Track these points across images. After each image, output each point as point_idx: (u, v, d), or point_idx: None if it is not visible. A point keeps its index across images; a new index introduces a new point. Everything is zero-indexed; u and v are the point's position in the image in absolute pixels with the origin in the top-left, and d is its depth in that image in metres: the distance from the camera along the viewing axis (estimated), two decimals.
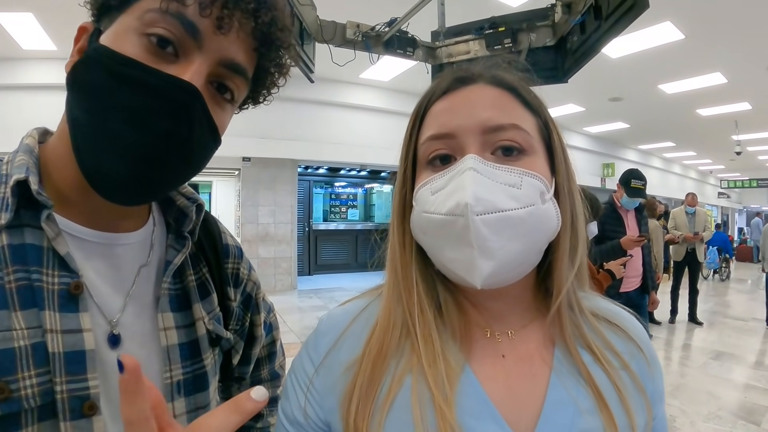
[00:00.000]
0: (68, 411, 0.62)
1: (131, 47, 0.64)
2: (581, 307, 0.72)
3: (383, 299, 0.72)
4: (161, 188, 0.74)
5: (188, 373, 0.79)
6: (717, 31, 6.70)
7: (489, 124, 0.64)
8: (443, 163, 0.66)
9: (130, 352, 0.71)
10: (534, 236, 0.63)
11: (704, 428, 4.13)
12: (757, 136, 14.07)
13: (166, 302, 0.79)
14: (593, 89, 9.70)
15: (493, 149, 0.64)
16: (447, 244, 0.63)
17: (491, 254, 0.60)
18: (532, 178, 0.63)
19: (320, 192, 13.24)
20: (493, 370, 0.67)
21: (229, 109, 0.76)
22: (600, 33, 2.59)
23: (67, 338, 0.63)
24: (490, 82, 0.69)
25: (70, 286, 0.65)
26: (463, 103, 0.67)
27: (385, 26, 3.15)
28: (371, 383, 0.64)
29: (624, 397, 0.65)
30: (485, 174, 0.61)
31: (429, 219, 0.64)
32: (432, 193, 0.64)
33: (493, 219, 0.59)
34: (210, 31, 0.66)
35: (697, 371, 5.67)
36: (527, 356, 0.69)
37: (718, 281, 14.35)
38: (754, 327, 7.91)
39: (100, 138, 0.63)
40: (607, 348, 0.70)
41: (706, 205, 23.61)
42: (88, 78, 0.65)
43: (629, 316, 0.78)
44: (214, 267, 0.91)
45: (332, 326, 0.74)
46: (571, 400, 0.64)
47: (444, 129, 0.66)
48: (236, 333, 0.97)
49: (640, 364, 0.71)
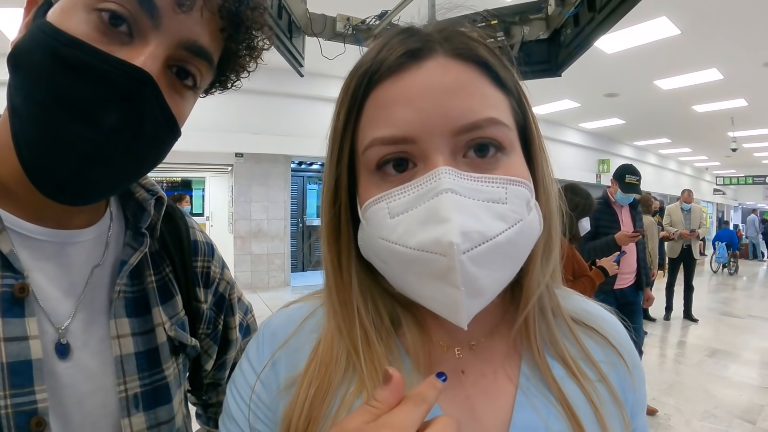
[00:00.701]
0: (14, 427, 0.56)
1: (78, 25, 0.56)
2: (558, 310, 0.63)
3: (324, 325, 0.62)
4: (110, 187, 0.67)
5: (146, 386, 0.73)
6: (713, 27, 6.68)
7: (461, 122, 0.50)
8: (398, 171, 0.53)
9: (80, 362, 0.65)
10: (521, 254, 0.54)
11: (700, 427, 4.12)
12: (753, 132, 14.12)
13: (121, 306, 0.72)
14: (589, 85, 9.68)
15: (464, 150, 0.52)
16: (420, 280, 0.51)
17: (480, 292, 0.50)
18: (518, 185, 0.52)
19: (314, 188, 13.16)
20: (453, 390, 0.58)
21: (190, 97, 0.69)
22: (593, 25, 2.55)
23: (11, 346, 0.57)
24: (452, 55, 0.54)
25: (14, 288, 0.59)
26: (421, 91, 0.51)
27: (376, 19, 3.09)
28: (312, 409, 0.55)
29: (601, 416, 0.57)
30: (465, 194, 0.49)
31: (390, 249, 0.52)
32: (391, 215, 0.51)
33: (482, 252, 0.48)
34: (169, 8, 0.59)
35: (692, 369, 5.66)
36: (490, 372, 0.60)
37: (726, 275, 14.59)
38: (750, 324, 7.92)
39: (40, 131, 0.56)
40: (583, 358, 0.62)
41: (702, 202, 23.75)
42: (28, 60, 0.57)
43: (610, 318, 0.70)
44: (179, 266, 0.84)
45: (273, 334, 0.64)
46: (541, 423, 0.56)
47: (399, 131, 0.51)
48: (208, 337, 0.91)
49: (620, 375, 0.63)
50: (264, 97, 9.09)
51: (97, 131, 0.56)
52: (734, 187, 28.59)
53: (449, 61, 0.53)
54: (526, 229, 0.53)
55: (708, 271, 15.46)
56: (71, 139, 0.56)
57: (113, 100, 0.57)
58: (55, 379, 0.62)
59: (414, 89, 0.52)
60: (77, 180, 0.59)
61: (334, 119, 0.59)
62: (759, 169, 23.62)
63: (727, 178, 25.43)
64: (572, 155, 14.99)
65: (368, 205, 0.54)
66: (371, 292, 0.61)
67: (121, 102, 0.57)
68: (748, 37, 7.01)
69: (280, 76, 7.14)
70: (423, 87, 0.52)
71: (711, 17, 6.37)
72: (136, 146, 0.61)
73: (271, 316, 0.68)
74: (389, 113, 0.52)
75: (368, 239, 0.55)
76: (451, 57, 0.54)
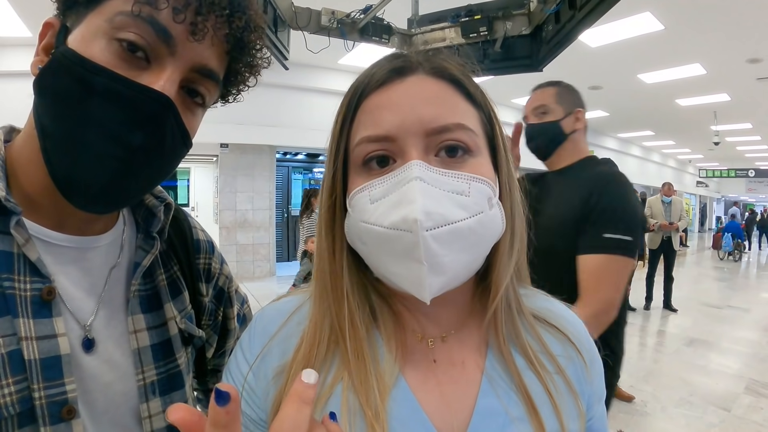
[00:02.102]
0: (47, 416, 0.63)
1: (100, 53, 0.62)
2: (520, 308, 0.70)
3: (310, 309, 0.68)
4: (134, 196, 0.74)
5: (162, 374, 0.79)
6: (697, 23, 6.73)
7: (433, 125, 0.59)
8: (380, 166, 0.61)
9: (104, 355, 0.72)
10: (482, 243, 0.61)
11: (675, 413, 4.22)
12: (736, 127, 14.28)
13: (137, 304, 0.79)
14: (572, 78, 9.52)
15: (436, 150, 0.60)
16: (391, 258, 0.59)
17: (442, 269, 0.57)
18: (480, 183, 0.60)
19: (299, 178, 13.16)
20: (425, 377, 0.65)
21: (199, 113, 0.75)
22: (574, 22, 2.59)
23: (42, 344, 0.63)
24: (430, 73, 0.63)
25: (42, 292, 0.65)
26: (402, 100, 0.61)
27: (361, 13, 3.11)
28: None
29: (555, 404, 0.64)
30: (432, 183, 0.57)
31: (368, 230, 0.59)
32: (371, 201, 0.60)
33: (444, 233, 0.56)
34: (183, 37, 0.65)
35: (670, 357, 5.79)
36: (459, 361, 0.67)
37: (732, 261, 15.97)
38: (728, 314, 8.08)
39: (71, 149, 0.62)
40: (543, 351, 0.68)
41: (685, 194, 23.97)
42: (57, 85, 0.63)
43: (571, 316, 0.76)
44: (185, 264, 0.90)
45: (264, 327, 0.70)
46: (502, 408, 0.63)
47: (382, 130, 0.60)
48: (209, 327, 0.97)
49: (576, 368, 0.70)
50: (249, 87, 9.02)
51: (126, 149, 0.63)
52: (717, 179, 28.92)
53: (428, 77, 0.63)
54: (487, 222, 0.60)
55: (689, 262, 15.73)
56: (103, 158, 0.62)
57: (139, 122, 0.63)
58: (82, 370, 0.68)
59: (396, 98, 0.61)
60: (108, 193, 0.65)
61: (333, 125, 0.67)
62: (742, 162, 23.90)
63: (710, 170, 25.66)
64: None
65: (354, 193, 0.62)
66: (357, 281, 0.67)
67: (146, 123, 0.64)
68: (732, 34, 7.07)
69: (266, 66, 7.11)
70: (404, 96, 0.61)
71: (694, 13, 6.41)
72: (157, 161, 0.68)
73: (262, 309, 0.75)
74: (375, 116, 0.61)
75: (352, 224, 0.63)
76: (430, 74, 0.64)
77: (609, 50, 7.82)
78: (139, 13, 0.61)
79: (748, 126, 14.36)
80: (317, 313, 0.67)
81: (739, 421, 4.10)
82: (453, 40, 3.19)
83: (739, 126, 14.28)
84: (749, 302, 9.23)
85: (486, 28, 3.00)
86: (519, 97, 10.67)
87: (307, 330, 0.66)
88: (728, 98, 10.86)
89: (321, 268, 0.68)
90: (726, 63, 8.44)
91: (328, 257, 0.67)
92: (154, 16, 0.62)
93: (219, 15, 0.66)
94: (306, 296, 0.72)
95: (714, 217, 33.21)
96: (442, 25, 3.25)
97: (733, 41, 7.37)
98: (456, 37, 3.16)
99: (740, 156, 22.11)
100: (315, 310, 0.67)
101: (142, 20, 0.61)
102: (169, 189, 5.11)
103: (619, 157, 17.13)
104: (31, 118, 0.67)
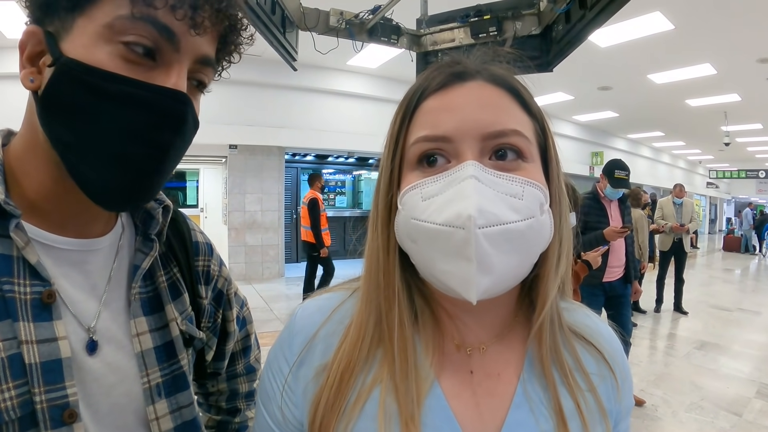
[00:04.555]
0: (48, 420, 0.62)
1: (109, 59, 0.61)
2: (561, 322, 0.70)
3: (358, 307, 0.69)
4: (157, 191, 0.75)
5: (167, 375, 0.79)
6: (707, 23, 6.71)
7: (490, 129, 0.60)
8: (432, 166, 0.62)
9: (107, 357, 0.72)
10: (531, 249, 0.61)
11: (686, 418, 4.17)
12: (746, 127, 14.21)
13: (138, 307, 0.79)
14: (582, 78, 9.73)
15: (491, 154, 0.61)
16: (441, 255, 0.59)
17: (490, 269, 0.56)
18: (534, 188, 0.60)
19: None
20: (460, 387, 0.66)
21: (200, 97, 0.76)
22: (585, 22, 2.58)
23: (43, 348, 0.63)
24: (489, 80, 0.64)
25: (42, 295, 0.65)
26: (461, 103, 0.62)
27: (369, 13, 3.11)
28: (338, 393, 0.63)
29: (585, 421, 0.64)
30: (487, 183, 0.57)
31: (419, 227, 0.60)
32: (423, 198, 0.60)
33: (495, 232, 0.56)
34: (184, 31, 0.65)
35: (680, 361, 5.73)
36: (495, 373, 0.67)
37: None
38: (739, 317, 8.00)
39: (102, 159, 0.64)
40: (578, 368, 0.68)
41: (695, 195, 23.85)
42: (73, 98, 0.62)
43: (608, 333, 0.76)
44: (185, 266, 0.90)
45: (305, 325, 0.71)
46: (533, 421, 0.63)
47: (439, 131, 0.61)
48: (209, 330, 0.97)
49: (608, 387, 0.70)
50: (258, 88, 9.10)
51: (156, 150, 0.65)
52: (727, 180, 28.74)
53: (487, 84, 0.64)
54: (537, 227, 0.60)
55: (699, 264, 15.63)
56: (135, 162, 0.64)
57: (164, 123, 0.65)
58: (84, 373, 0.68)
59: (455, 101, 0.62)
60: (139, 192, 0.68)
61: (391, 125, 0.68)
62: (752, 163, 23.76)
63: (720, 171, 25.52)
64: (566, 147, 14.93)
65: (406, 191, 0.63)
66: (405, 281, 0.68)
67: (169, 122, 0.65)
68: (742, 33, 7.05)
69: (273, 67, 7.13)
70: (463, 100, 0.62)
71: (705, 13, 6.40)
72: (180, 153, 0.70)
73: (302, 305, 0.76)
74: (434, 118, 0.62)
75: (402, 221, 0.63)
76: (489, 82, 0.64)
77: (619, 50, 7.81)
78: (140, 15, 0.61)
79: (759, 126, 14.28)
80: (364, 311, 0.68)
81: (751, 426, 4.05)
82: (462, 40, 3.18)
83: (749, 126, 14.21)
84: (760, 305, 9.13)
85: (495, 28, 3.00)
86: None
87: (352, 328, 0.67)
88: (739, 98, 10.82)
89: (374, 264, 0.68)
90: (736, 63, 8.41)
91: (383, 255, 0.67)
92: (153, 15, 0.62)
93: (215, 7, 0.67)
94: (347, 293, 0.74)
95: (725, 218, 33.01)
96: (451, 25, 3.24)
97: (743, 41, 7.35)
98: (465, 38, 3.15)
99: (751, 157, 21.99)
100: (362, 308, 0.68)
101: (144, 21, 0.61)
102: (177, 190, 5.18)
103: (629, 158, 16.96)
104: (29, 123, 0.67)
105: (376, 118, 10.40)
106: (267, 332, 6.25)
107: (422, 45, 3.41)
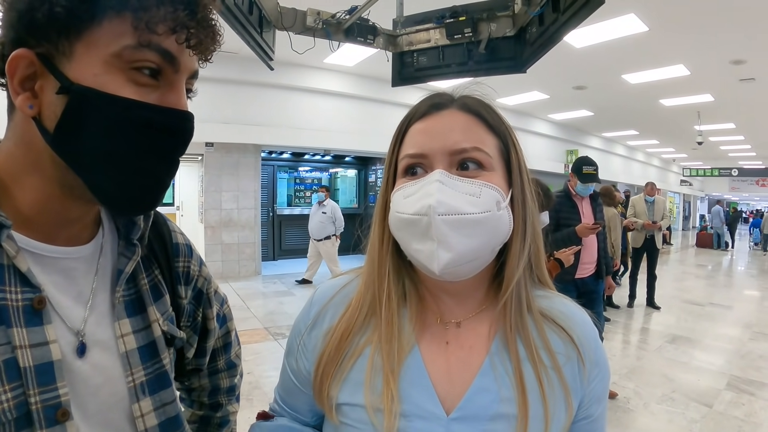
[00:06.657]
0: (43, 419, 0.65)
1: (122, 86, 0.65)
2: (530, 305, 0.83)
3: (359, 283, 0.87)
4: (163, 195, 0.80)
5: (150, 374, 0.82)
6: (681, 25, 6.82)
7: (456, 147, 0.76)
8: (414, 175, 0.79)
9: (94, 359, 0.75)
10: (488, 237, 0.75)
11: (658, 410, 4.27)
12: (719, 126, 14.46)
13: (122, 309, 0.81)
14: (557, 77, 9.82)
15: (458, 165, 0.77)
16: (414, 238, 0.75)
17: (449, 247, 0.72)
18: (491, 189, 0.75)
19: (284, 177, 13.12)
20: (437, 354, 0.81)
21: None
22: (558, 25, 2.63)
23: (35, 351, 0.66)
24: (460, 108, 0.81)
25: (33, 302, 0.67)
26: (436, 128, 0.79)
27: (346, 14, 3.13)
28: (338, 350, 0.81)
29: (544, 393, 0.76)
30: (449, 185, 0.74)
31: (400, 218, 0.77)
32: (404, 197, 0.77)
33: (452, 219, 0.71)
34: (182, 52, 0.69)
35: (652, 354, 5.85)
36: (467, 345, 0.81)
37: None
38: (710, 312, 8.19)
39: (122, 173, 0.68)
40: (544, 347, 0.80)
41: (669, 192, 24.19)
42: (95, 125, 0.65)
43: (581, 320, 0.86)
44: (165, 268, 0.93)
45: (320, 299, 0.90)
46: (495, 388, 0.76)
47: (419, 149, 0.78)
48: (189, 328, 1.00)
49: (573, 367, 0.80)
50: (234, 86, 9.05)
51: (171, 164, 0.73)
52: (701, 178, 29.19)
53: (458, 111, 0.81)
54: (493, 219, 0.75)
55: (673, 260, 15.93)
56: (154, 178, 0.72)
57: (177, 141, 0.72)
58: (73, 375, 0.71)
59: (432, 126, 0.80)
60: (155, 201, 0.75)
61: (390, 145, 0.86)
62: (725, 161, 24.18)
63: (693, 169, 25.92)
64: (541, 146, 15.19)
65: (393, 192, 0.81)
66: (396, 265, 0.85)
67: (181, 139, 0.73)
68: (715, 36, 7.17)
69: (250, 65, 7.09)
70: (438, 125, 0.80)
71: (678, 15, 6.49)
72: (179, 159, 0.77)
73: (321, 283, 0.96)
74: (416, 139, 0.80)
75: (391, 216, 0.80)
76: (460, 109, 0.81)
77: (594, 51, 7.91)
78: (147, 43, 0.65)
79: (731, 126, 14.56)
80: (363, 287, 0.85)
81: (721, 417, 4.16)
82: (438, 41, 3.21)
83: (722, 126, 14.46)
84: (732, 299, 9.36)
85: (470, 30, 3.04)
86: (503, 97, 10.78)
87: (353, 301, 0.85)
88: (712, 99, 11.01)
89: (372, 251, 0.86)
90: (709, 64, 8.56)
91: (378, 244, 0.85)
92: (157, 42, 0.65)
93: (206, 27, 0.70)
94: (354, 276, 0.92)
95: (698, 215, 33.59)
96: (427, 26, 3.27)
97: (716, 43, 7.48)
98: (441, 39, 3.19)
99: (723, 155, 22.36)
100: (362, 286, 0.86)
101: (150, 49, 0.65)
102: None
103: (603, 156, 17.37)
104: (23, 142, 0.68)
105: (353, 116, 10.46)
106: (245, 330, 6.23)
107: (398, 45, 3.43)
